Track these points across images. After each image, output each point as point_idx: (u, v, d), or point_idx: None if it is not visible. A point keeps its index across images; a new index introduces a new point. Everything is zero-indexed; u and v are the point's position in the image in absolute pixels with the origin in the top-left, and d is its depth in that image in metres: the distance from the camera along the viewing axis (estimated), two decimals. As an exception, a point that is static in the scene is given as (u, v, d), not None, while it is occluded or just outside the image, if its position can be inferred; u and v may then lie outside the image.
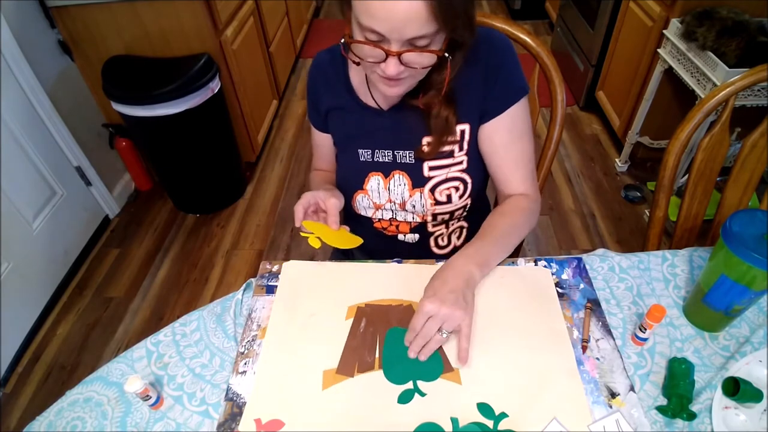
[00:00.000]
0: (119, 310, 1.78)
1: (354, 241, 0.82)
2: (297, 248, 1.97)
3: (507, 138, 0.81)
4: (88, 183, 2.01)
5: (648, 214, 1.61)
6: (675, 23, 1.73)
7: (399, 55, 0.64)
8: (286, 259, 1.14)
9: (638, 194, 2.08)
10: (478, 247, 0.75)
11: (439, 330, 0.67)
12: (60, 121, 1.83)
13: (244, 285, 0.81)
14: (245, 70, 2.14)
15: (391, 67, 0.65)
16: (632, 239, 1.92)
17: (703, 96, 1.57)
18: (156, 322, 1.73)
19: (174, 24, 1.80)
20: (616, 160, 2.26)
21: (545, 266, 0.81)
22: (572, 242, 1.93)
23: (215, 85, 1.86)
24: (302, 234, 0.79)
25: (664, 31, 1.81)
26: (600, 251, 0.85)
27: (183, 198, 2.16)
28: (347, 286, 0.79)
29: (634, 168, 2.23)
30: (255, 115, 2.29)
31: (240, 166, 2.22)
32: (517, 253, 1.09)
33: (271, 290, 0.80)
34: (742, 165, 0.91)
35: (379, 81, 0.71)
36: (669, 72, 1.83)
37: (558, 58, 1.74)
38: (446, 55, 0.66)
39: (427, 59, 0.66)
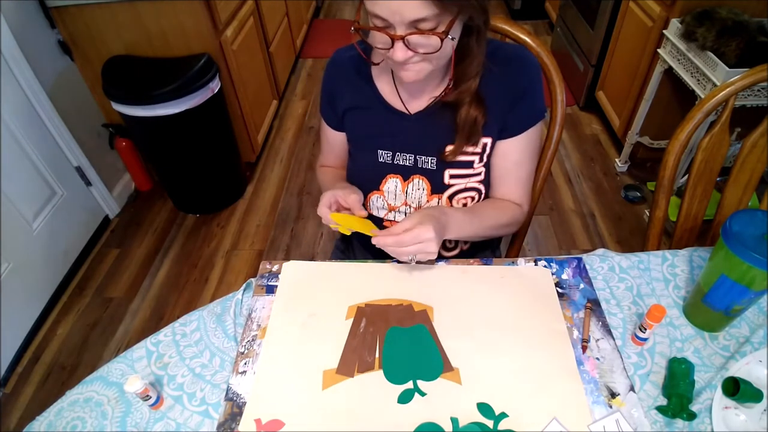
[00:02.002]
0: (119, 310, 1.78)
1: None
2: (297, 248, 1.97)
3: (519, 158, 0.85)
4: (88, 183, 2.01)
5: (648, 214, 1.61)
6: (675, 23, 1.73)
7: (403, 38, 0.64)
8: (286, 259, 1.14)
9: (638, 194, 2.08)
10: (467, 222, 0.81)
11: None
12: (60, 121, 1.83)
13: (244, 285, 0.81)
14: (245, 70, 2.14)
15: (398, 51, 0.66)
16: (632, 239, 1.92)
17: (703, 96, 1.58)
18: (156, 322, 1.73)
19: (174, 24, 1.80)
20: (616, 160, 2.26)
21: (545, 266, 0.81)
22: (572, 242, 1.93)
23: (215, 85, 1.86)
24: (332, 226, 0.79)
25: (664, 31, 1.81)
26: (600, 251, 0.85)
27: (183, 198, 2.16)
28: (347, 286, 0.79)
29: (634, 168, 2.23)
30: (255, 115, 2.29)
31: (240, 166, 2.22)
32: (517, 253, 1.09)
33: (271, 290, 0.80)
34: (742, 165, 0.91)
35: (396, 68, 0.72)
36: (669, 72, 1.83)
37: (558, 58, 1.73)
38: (450, 37, 0.66)
39: (433, 42, 0.66)
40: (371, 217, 0.93)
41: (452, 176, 0.84)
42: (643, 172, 2.21)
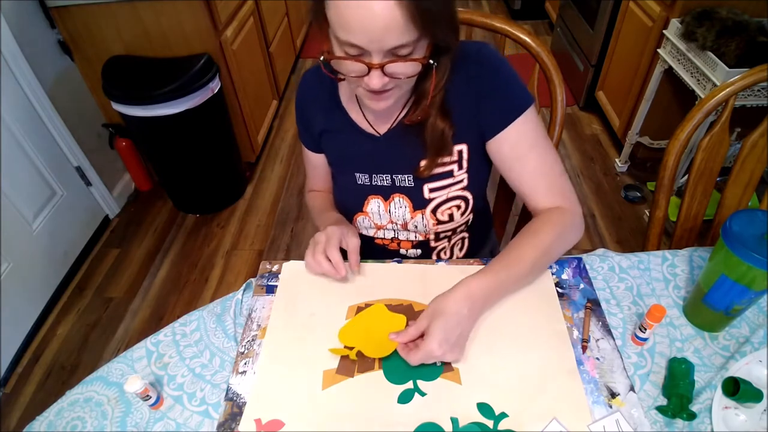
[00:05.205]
0: (119, 310, 1.78)
1: (390, 346, 0.69)
2: (297, 248, 1.97)
3: (516, 153, 0.77)
4: (88, 183, 2.01)
5: (648, 214, 1.61)
6: (675, 23, 1.73)
7: (381, 67, 0.62)
8: (286, 259, 1.13)
9: (638, 194, 2.08)
10: (499, 282, 0.70)
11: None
12: (60, 121, 1.83)
13: (244, 285, 0.81)
14: (245, 70, 2.14)
15: (375, 79, 0.63)
16: (632, 239, 1.92)
17: (703, 96, 1.57)
18: (156, 322, 1.73)
19: (174, 24, 1.80)
20: (616, 160, 2.26)
21: (545, 266, 0.81)
22: (572, 242, 1.93)
23: (215, 85, 1.86)
24: (334, 351, 0.70)
25: (664, 31, 1.81)
26: (600, 251, 0.84)
27: (183, 198, 2.16)
28: (347, 286, 0.79)
29: (634, 168, 2.23)
30: (255, 115, 2.29)
31: (240, 166, 2.22)
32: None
33: (271, 290, 0.80)
34: (742, 165, 0.91)
35: (365, 96, 0.69)
36: (669, 72, 1.83)
37: (558, 58, 1.73)
38: (431, 62, 0.64)
39: (411, 68, 0.64)
40: (361, 236, 0.91)
41: (431, 190, 0.82)
42: (643, 172, 2.21)
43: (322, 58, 0.66)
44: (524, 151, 0.77)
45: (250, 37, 2.21)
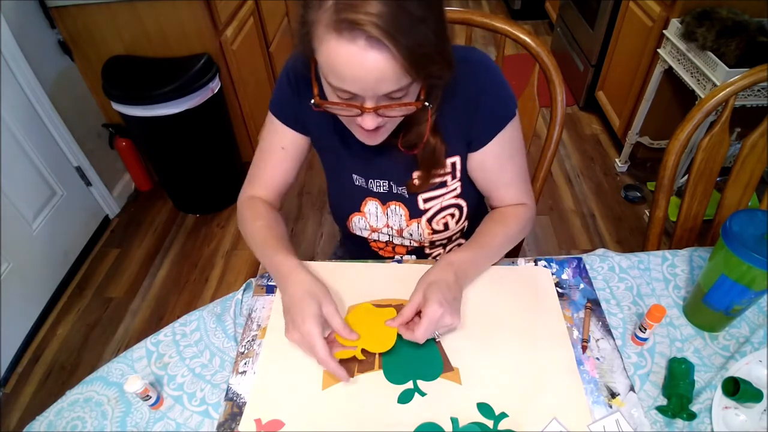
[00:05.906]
0: (119, 310, 1.78)
1: (391, 337, 0.69)
2: (297, 248, 1.97)
3: (497, 164, 0.80)
4: (88, 183, 2.01)
5: (648, 214, 1.61)
6: (675, 23, 1.73)
7: (375, 110, 0.61)
8: (286, 259, 1.13)
9: (638, 194, 2.08)
10: (475, 257, 0.77)
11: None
12: (60, 121, 1.83)
13: (244, 285, 0.81)
14: (245, 70, 2.14)
15: (368, 121, 0.63)
16: (632, 239, 1.92)
17: (703, 96, 1.57)
18: (156, 322, 1.73)
19: (174, 24, 1.80)
20: (616, 160, 2.26)
21: (545, 266, 0.81)
22: (572, 242, 1.93)
23: (215, 85, 1.86)
24: (343, 354, 0.68)
25: (664, 31, 1.81)
26: (600, 251, 0.85)
27: (183, 198, 2.16)
28: (347, 286, 0.79)
29: (634, 168, 2.23)
30: (255, 115, 2.29)
31: (240, 166, 2.22)
32: (516, 253, 1.09)
33: (271, 290, 0.80)
34: (742, 165, 0.91)
35: (357, 132, 0.69)
36: (669, 72, 1.83)
37: (558, 58, 1.73)
38: (426, 104, 0.64)
39: (406, 110, 0.64)
40: (356, 237, 0.91)
41: (426, 200, 0.82)
42: (643, 172, 2.21)
43: (312, 101, 0.65)
44: (503, 163, 0.80)
45: (250, 37, 2.21)
